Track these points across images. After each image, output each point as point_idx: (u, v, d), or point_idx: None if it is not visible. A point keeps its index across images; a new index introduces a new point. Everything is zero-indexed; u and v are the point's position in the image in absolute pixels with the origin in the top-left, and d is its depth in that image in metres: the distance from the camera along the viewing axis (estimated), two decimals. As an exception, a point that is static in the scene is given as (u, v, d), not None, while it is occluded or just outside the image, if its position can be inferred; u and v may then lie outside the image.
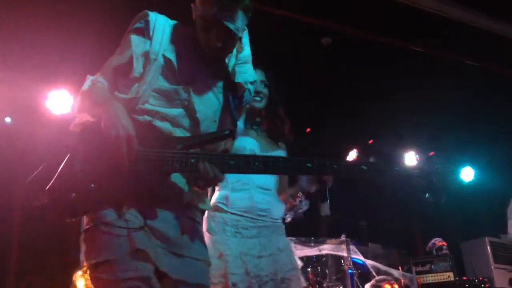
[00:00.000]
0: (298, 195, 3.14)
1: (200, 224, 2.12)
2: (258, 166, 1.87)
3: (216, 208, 2.85)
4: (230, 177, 2.81)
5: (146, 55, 1.97)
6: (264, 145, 3.00)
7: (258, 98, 2.99)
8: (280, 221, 2.96)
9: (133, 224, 1.80)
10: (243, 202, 2.82)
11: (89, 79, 2.01)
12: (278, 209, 2.97)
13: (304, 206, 3.13)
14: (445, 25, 5.29)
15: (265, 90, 3.03)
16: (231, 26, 1.90)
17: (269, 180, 2.93)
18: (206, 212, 2.85)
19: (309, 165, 1.88)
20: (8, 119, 5.67)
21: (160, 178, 1.86)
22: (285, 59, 5.70)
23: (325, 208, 2.86)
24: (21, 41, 5.01)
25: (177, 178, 1.94)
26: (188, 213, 2.02)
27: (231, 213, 2.80)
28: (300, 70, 6.01)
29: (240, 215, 2.80)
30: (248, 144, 2.90)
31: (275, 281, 2.71)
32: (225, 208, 2.82)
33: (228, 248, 2.70)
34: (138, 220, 1.82)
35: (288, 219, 3.17)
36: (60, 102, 5.52)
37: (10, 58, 5.18)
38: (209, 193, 2.23)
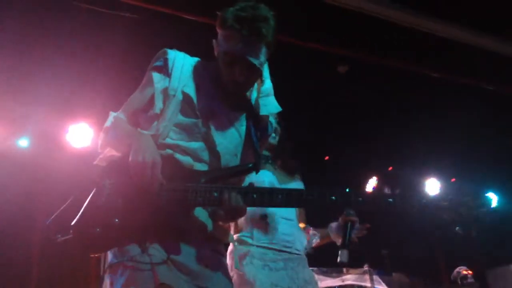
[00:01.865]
0: (309, 229, 3.10)
1: (224, 256, 2.11)
2: (281, 199, 1.85)
3: (241, 242, 2.82)
4: (253, 210, 2.77)
5: (165, 92, 2.00)
6: (281, 178, 3.00)
7: (273, 134, 2.98)
8: (303, 253, 2.93)
9: (156, 258, 1.79)
10: (268, 234, 2.79)
11: (112, 115, 2.03)
12: (301, 240, 2.94)
13: (314, 239, 3.07)
14: (464, 51, 5.28)
15: (278, 127, 3.04)
16: (255, 61, 1.92)
17: (291, 210, 2.92)
18: (230, 247, 2.83)
19: (333, 198, 1.85)
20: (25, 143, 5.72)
21: (183, 212, 1.86)
22: (302, 88, 5.72)
23: (344, 255, 2.80)
24: (42, 76, 5.10)
25: (200, 212, 1.94)
26: (211, 245, 2.01)
27: (256, 246, 2.77)
28: (318, 98, 6.02)
29: (266, 248, 2.77)
30: (266, 177, 2.89)
31: None
32: (249, 241, 2.79)
33: (258, 280, 2.67)
34: (161, 254, 1.81)
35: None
36: (81, 135, 5.58)
37: (31, 92, 5.27)
38: (231, 228, 2.21)
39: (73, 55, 4.89)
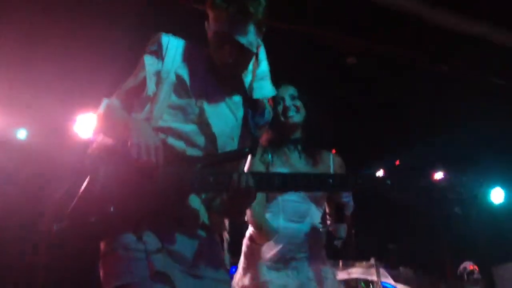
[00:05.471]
0: (327, 220, 2.95)
1: (218, 244, 2.08)
2: (277, 183, 1.83)
3: (250, 237, 2.79)
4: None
5: (158, 74, 1.98)
6: (302, 169, 2.84)
7: (291, 114, 2.89)
8: (313, 250, 2.77)
9: (151, 246, 1.78)
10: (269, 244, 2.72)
11: (105, 101, 2.01)
12: (309, 239, 2.77)
13: (337, 231, 2.85)
14: (470, 44, 5.23)
15: (298, 103, 2.92)
16: (243, 41, 1.88)
17: (303, 208, 2.75)
18: (247, 233, 2.81)
19: (330, 180, 1.84)
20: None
21: (178, 199, 1.83)
22: (310, 79, 5.68)
23: (343, 230, 2.74)
24: (50, 66, 5.10)
25: (192, 199, 1.91)
26: (206, 234, 1.99)
27: (260, 245, 2.74)
28: (325, 90, 5.98)
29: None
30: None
31: None
32: (255, 240, 2.76)
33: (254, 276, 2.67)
34: (155, 242, 1.80)
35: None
36: (88, 125, 5.58)
37: (40, 82, 5.27)
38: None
39: (81, 42, 4.89)
